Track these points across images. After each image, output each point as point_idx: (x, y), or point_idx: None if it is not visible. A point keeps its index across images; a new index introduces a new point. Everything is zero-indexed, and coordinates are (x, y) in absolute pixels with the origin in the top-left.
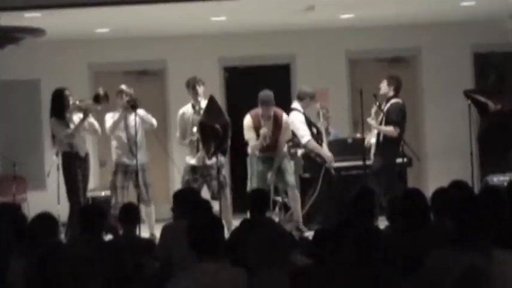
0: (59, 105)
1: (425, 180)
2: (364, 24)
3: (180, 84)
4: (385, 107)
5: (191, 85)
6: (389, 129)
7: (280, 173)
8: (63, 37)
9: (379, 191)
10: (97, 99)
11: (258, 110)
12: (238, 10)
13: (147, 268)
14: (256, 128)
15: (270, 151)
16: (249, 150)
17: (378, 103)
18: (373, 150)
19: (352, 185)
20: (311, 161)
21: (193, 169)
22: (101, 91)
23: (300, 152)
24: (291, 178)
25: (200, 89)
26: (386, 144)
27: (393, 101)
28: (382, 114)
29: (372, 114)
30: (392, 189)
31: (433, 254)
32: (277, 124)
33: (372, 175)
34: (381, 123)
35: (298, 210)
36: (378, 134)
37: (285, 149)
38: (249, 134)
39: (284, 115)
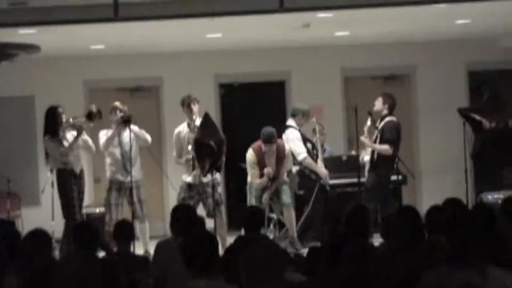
0: (52, 124)
1: (420, 198)
2: (359, 42)
3: (176, 101)
4: (380, 125)
5: (186, 103)
6: (384, 148)
7: (275, 193)
8: (58, 53)
9: (373, 208)
10: (90, 116)
11: (260, 144)
12: (234, 27)
13: (141, 285)
14: (260, 163)
15: (271, 181)
16: (249, 178)
17: (372, 120)
18: (367, 168)
19: (346, 202)
20: (306, 177)
21: (189, 187)
22: (94, 108)
23: (295, 169)
24: (287, 197)
25: (195, 108)
26: (381, 162)
27: (388, 119)
28: (376, 131)
29: (364, 132)
30: (387, 206)
31: (427, 272)
32: (279, 156)
33: (365, 192)
34: (375, 141)
35: (293, 227)
36: (372, 152)
37: (285, 175)
38: (251, 171)
39: (286, 145)
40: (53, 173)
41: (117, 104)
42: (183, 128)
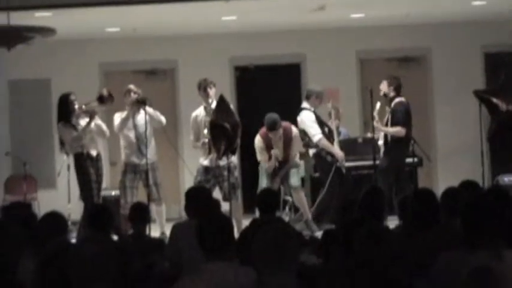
0: (65, 110)
1: (436, 180)
2: (374, 24)
3: (191, 84)
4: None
5: (202, 87)
6: (397, 130)
7: (285, 176)
8: (74, 36)
9: (387, 190)
10: (101, 99)
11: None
12: (249, 10)
13: (156, 267)
14: (268, 148)
15: (281, 164)
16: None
17: (388, 102)
18: (382, 150)
19: (362, 184)
20: (322, 160)
21: (205, 170)
22: (105, 91)
23: (311, 151)
24: (294, 180)
25: (211, 91)
26: (394, 144)
27: (396, 100)
28: (387, 114)
29: (375, 116)
30: (403, 188)
31: (443, 255)
32: (287, 139)
33: (379, 174)
34: (386, 124)
35: (306, 209)
36: (385, 135)
37: (296, 158)
38: (261, 156)
39: (293, 128)
40: (68, 156)
41: (131, 86)
42: (200, 112)
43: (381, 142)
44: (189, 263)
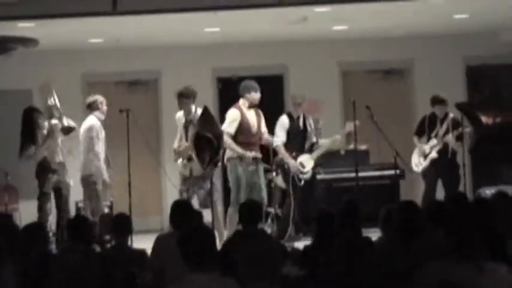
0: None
1: (418, 192)
2: (357, 36)
3: (174, 95)
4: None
5: (193, 96)
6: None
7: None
8: (56, 47)
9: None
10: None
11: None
12: (232, 21)
13: (139, 278)
14: None
15: None
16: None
17: (370, 114)
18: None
19: (343, 196)
20: (281, 167)
21: (184, 179)
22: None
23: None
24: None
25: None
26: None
27: (452, 116)
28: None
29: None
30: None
31: (426, 266)
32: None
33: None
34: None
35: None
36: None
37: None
38: None
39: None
40: None
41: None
42: (180, 115)
43: (434, 155)
44: (172, 274)
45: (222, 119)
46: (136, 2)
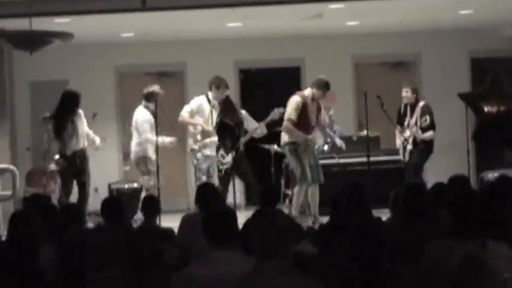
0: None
1: (425, 176)
2: (368, 31)
3: (198, 85)
4: (416, 110)
5: (224, 85)
6: (429, 135)
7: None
8: (90, 41)
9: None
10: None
11: None
12: (253, 16)
13: (165, 255)
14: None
15: None
16: None
17: (381, 103)
18: (410, 147)
19: (358, 179)
20: None
21: (206, 158)
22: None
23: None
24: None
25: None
26: (426, 143)
27: (421, 104)
28: (413, 117)
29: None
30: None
31: (431, 244)
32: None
33: (411, 169)
34: (416, 124)
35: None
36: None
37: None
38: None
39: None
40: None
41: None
42: (204, 101)
43: (409, 147)
44: (197, 251)
45: (244, 108)
46: None
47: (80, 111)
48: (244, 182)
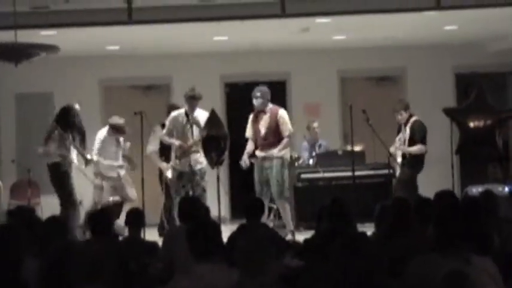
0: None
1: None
2: (354, 45)
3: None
4: (407, 126)
5: (198, 97)
6: (419, 148)
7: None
8: (76, 53)
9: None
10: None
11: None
12: (239, 30)
13: (151, 268)
14: None
15: None
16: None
17: (366, 118)
18: (399, 161)
19: (342, 194)
20: None
21: (179, 175)
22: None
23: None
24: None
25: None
26: (414, 158)
27: (413, 119)
28: (404, 133)
29: (396, 141)
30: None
31: (415, 259)
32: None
33: (399, 184)
34: (404, 142)
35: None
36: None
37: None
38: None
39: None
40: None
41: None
42: (180, 113)
43: (399, 160)
44: (181, 264)
45: (230, 122)
46: (150, 12)
47: None
48: None
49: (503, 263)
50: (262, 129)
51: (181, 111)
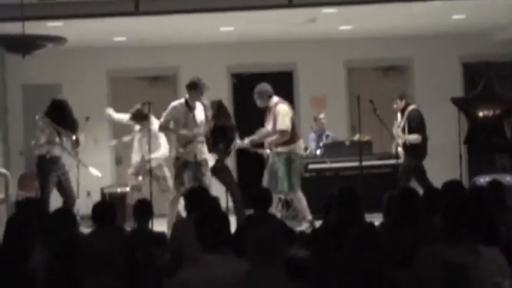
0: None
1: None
2: (361, 36)
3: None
4: (404, 115)
5: (202, 87)
6: (414, 137)
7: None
8: (83, 45)
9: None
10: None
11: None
12: (246, 21)
13: (159, 259)
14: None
15: None
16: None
17: (374, 108)
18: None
19: (349, 184)
20: None
21: (185, 164)
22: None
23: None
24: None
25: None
26: (414, 147)
27: (410, 108)
28: (402, 121)
29: (395, 124)
30: (429, 184)
31: (423, 249)
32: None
33: (402, 173)
34: (403, 130)
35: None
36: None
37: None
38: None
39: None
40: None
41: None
42: (181, 104)
43: (400, 149)
44: (189, 255)
45: (237, 112)
46: (156, 3)
47: None
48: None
49: (510, 253)
50: (267, 126)
51: (182, 100)
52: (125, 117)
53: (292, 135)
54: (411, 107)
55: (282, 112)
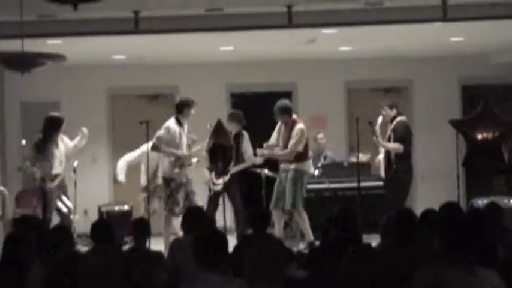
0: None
1: (415, 202)
2: (361, 57)
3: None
4: (391, 125)
5: (192, 106)
6: (395, 146)
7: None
8: (82, 63)
9: (400, 204)
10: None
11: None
12: (245, 41)
13: (156, 278)
14: None
15: None
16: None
17: (373, 130)
18: (382, 167)
19: (348, 204)
20: None
21: (180, 185)
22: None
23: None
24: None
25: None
26: (398, 161)
27: (398, 119)
28: (389, 132)
29: (376, 130)
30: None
31: (421, 271)
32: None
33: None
34: (389, 140)
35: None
36: (387, 151)
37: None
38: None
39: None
40: (75, 172)
41: None
42: (174, 124)
43: (381, 156)
44: (186, 274)
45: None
46: (156, 22)
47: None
48: (232, 205)
49: (508, 276)
50: (281, 142)
51: (173, 120)
52: (135, 153)
53: (305, 153)
54: (399, 118)
55: (300, 133)
